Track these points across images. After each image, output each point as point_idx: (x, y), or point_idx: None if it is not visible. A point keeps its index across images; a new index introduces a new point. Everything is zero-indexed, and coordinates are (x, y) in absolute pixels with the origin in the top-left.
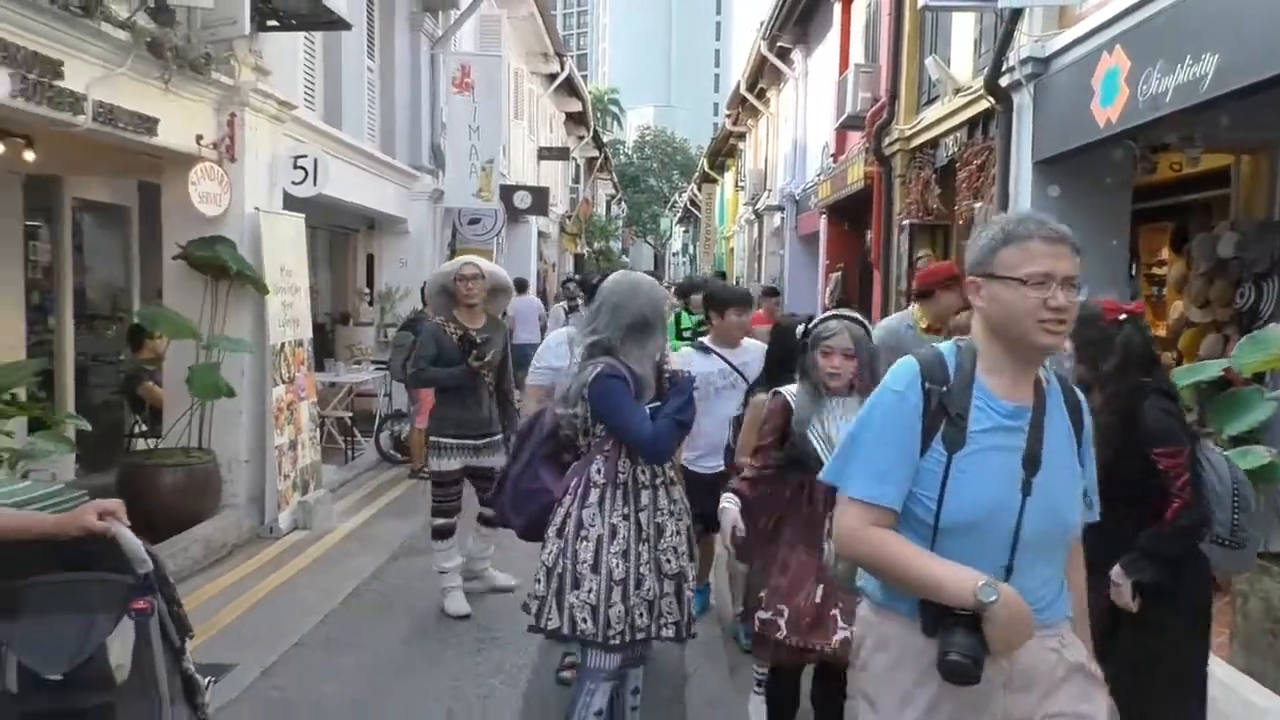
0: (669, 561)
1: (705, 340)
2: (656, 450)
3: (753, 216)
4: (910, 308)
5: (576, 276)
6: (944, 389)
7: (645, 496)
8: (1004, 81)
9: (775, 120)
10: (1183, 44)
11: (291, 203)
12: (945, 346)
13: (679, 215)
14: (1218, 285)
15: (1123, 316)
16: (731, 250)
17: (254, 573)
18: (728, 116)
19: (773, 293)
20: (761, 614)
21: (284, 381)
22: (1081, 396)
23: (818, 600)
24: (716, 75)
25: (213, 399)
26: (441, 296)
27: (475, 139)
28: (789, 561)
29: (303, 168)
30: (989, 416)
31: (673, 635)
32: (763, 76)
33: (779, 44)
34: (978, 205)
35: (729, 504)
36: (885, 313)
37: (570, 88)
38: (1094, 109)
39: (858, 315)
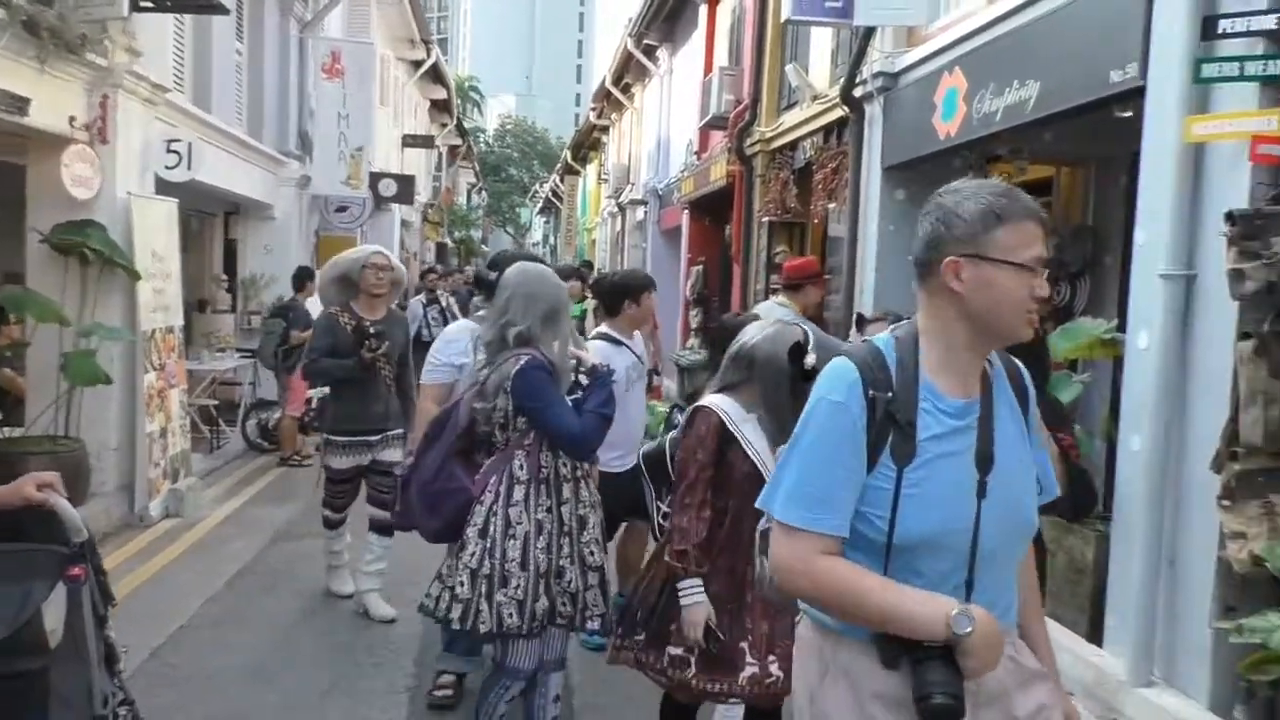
0: (592, 554)
1: (610, 331)
2: (584, 445)
3: (615, 209)
4: (777, 298)
5: (438, 267)
6: (889, 395)
7: (567, 490)
8: (857, 93)
9: (640, 115)
10: (1011, 71)
11: (162, 187)
12: (881, 340)
13: (540, 205)
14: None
15: None
16: (593, 242)
17: (128, 560)
18: (592, 109)
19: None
20: (672, 649)
21: (155, 368)
22: (1022, 367)
23: (725, 635)
24: (579, 66)
25: (90, 385)
26: (337, 285)
27: (344, 126)
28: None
29: (176, 152)
30: (938, 420)
31: (598, 628)
32: (628, 72)
33: (645, 41)
34: (831, 206)
35: (695, 596)
36: (745, 306)
37: (435, 75)
38: (935, 122)
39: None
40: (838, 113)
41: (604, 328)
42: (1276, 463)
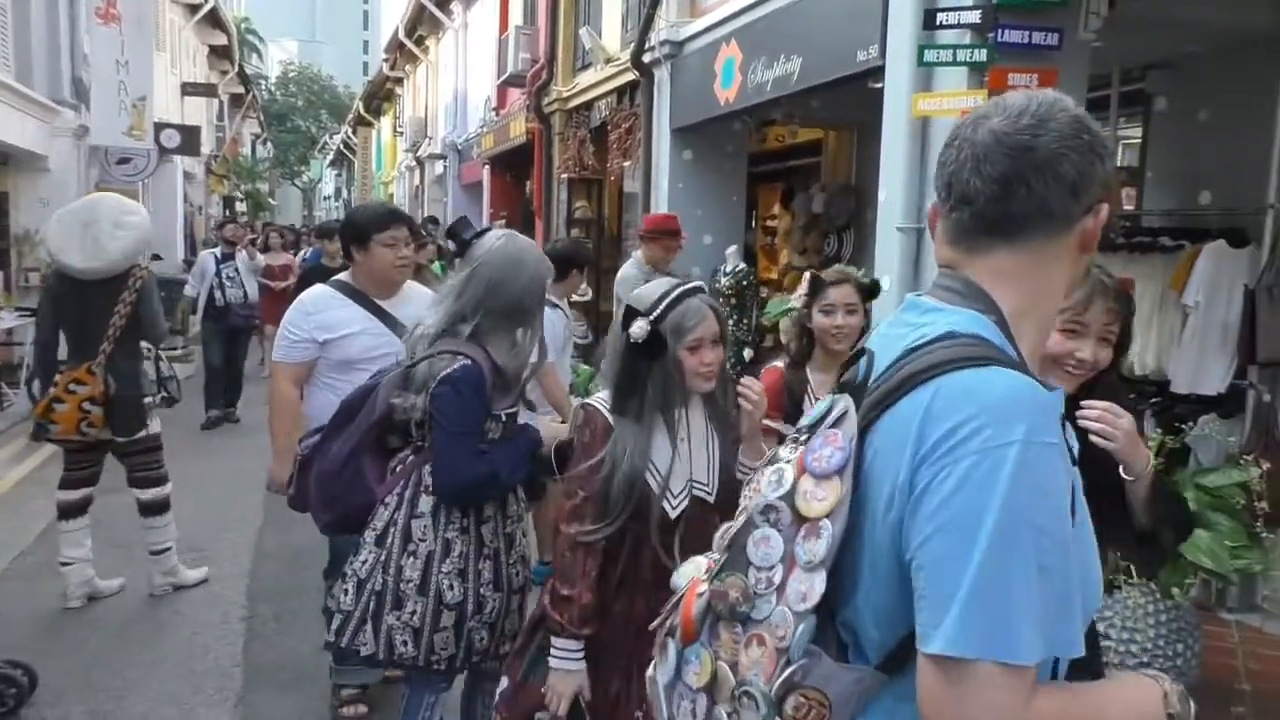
0: (517, 574)
1: (550, 296)
2: (457, 495)
3: (414, 163)
4: (637, 253)
5: (236, 219)
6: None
7: (490, 506)
8: (646, 58)
9: (435, 69)
10: (779, 45)
11: None
12: (980, 324)
13: (330, 158)
14: (812, 236)
15: None
16: (391, 196)
17: None
18: (385, 60)
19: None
20: (539, 715)
21: None
22: None
23: (618, 702)
24: (366, 12)
25: None
26: None
27: (124, 74)
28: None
29: None
30: (1074, 448)
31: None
32: (421, 24)
33: None
34: (626, 164)
35: (569, 663)
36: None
37: (214, 20)
38: (716, 89)
39: (695, 281)
40: (629, 76)
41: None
42: None
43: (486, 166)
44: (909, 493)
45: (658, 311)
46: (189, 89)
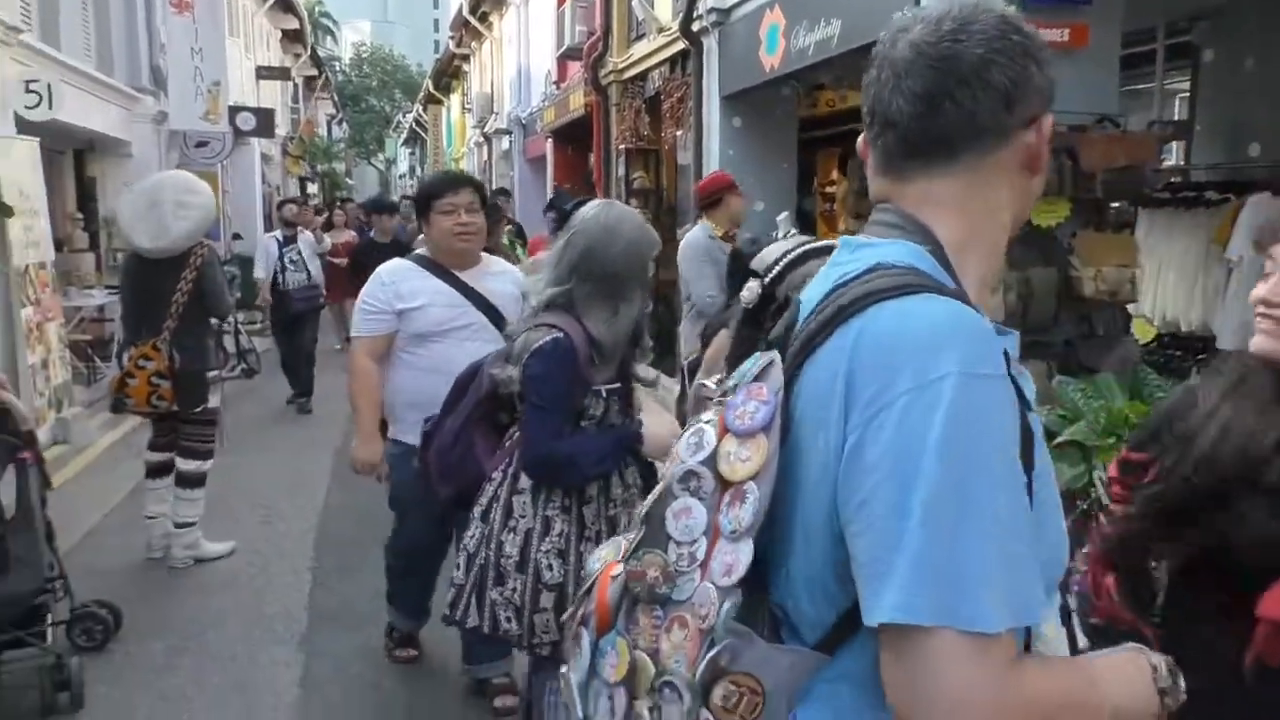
0: None
1: None
2: (533, 472)
3: (481, 139)
4: (700, 221)
5: (296, 199)
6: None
7: (593, 487)
8: (695, 27)
9: (499, 45)
10: (818, 10)
11: (22, 126)
12: (914, 253)
13: (404, 136)
14: (867, 201)
15: None
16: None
17: None
18: (451, 38)
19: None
20: None
21: (31, 303)
22: None
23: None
24: None
25: None
26: None
27: (199, 61)
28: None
29: (36, 92)
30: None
31: None
32: (484, 1)
33: None
34: (679, 133)
35: None
36: None
37: (285, 4)
38: (761, 56)
39: (818, 241)
40: (681, 45)
41: None
42: (1026, 338)
43: (549, 140)
44: (841, 448)
45: (774, 272)
46: (263, 73)
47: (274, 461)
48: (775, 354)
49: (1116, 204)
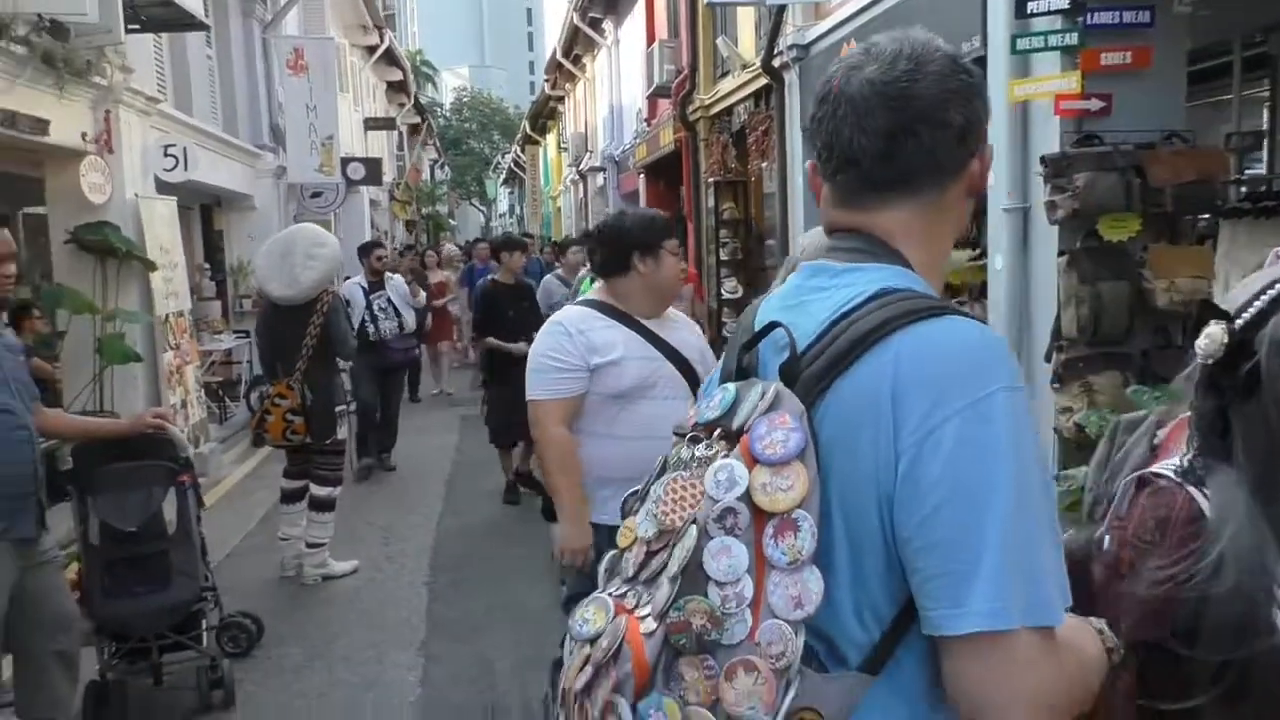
0: None
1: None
2: None
3: (577, 177)
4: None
5: (381, 242)
6: None
7: None
8: (776, 63)
9: (592, 85)
10: None
11: (160, 186)
12: (911, 278)
13: (504, 176)
14: None
15: None
16: (559, 210)
17: None
18: (546, 81)
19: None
20: None
21: (171, 348)
22: None
23: None
24: (530, 34)
25: (122, 364)
26: None
27: (313, 117)
28: None
29: (173, 155)
30: None
31: None
32: (577, 44)
33: (590, 14)
34: (764, 165)
35: None
36: (701, 262)
37: (390, 58)
38: None
39: None
40: (764, 80)
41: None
42: (1090, 350)
43: (641, 175)
44: (894, 466)
45: (1249, 314)
46: (370, 124)
47: (392, 489)
48: (778, 383)
49: (1194, 217)
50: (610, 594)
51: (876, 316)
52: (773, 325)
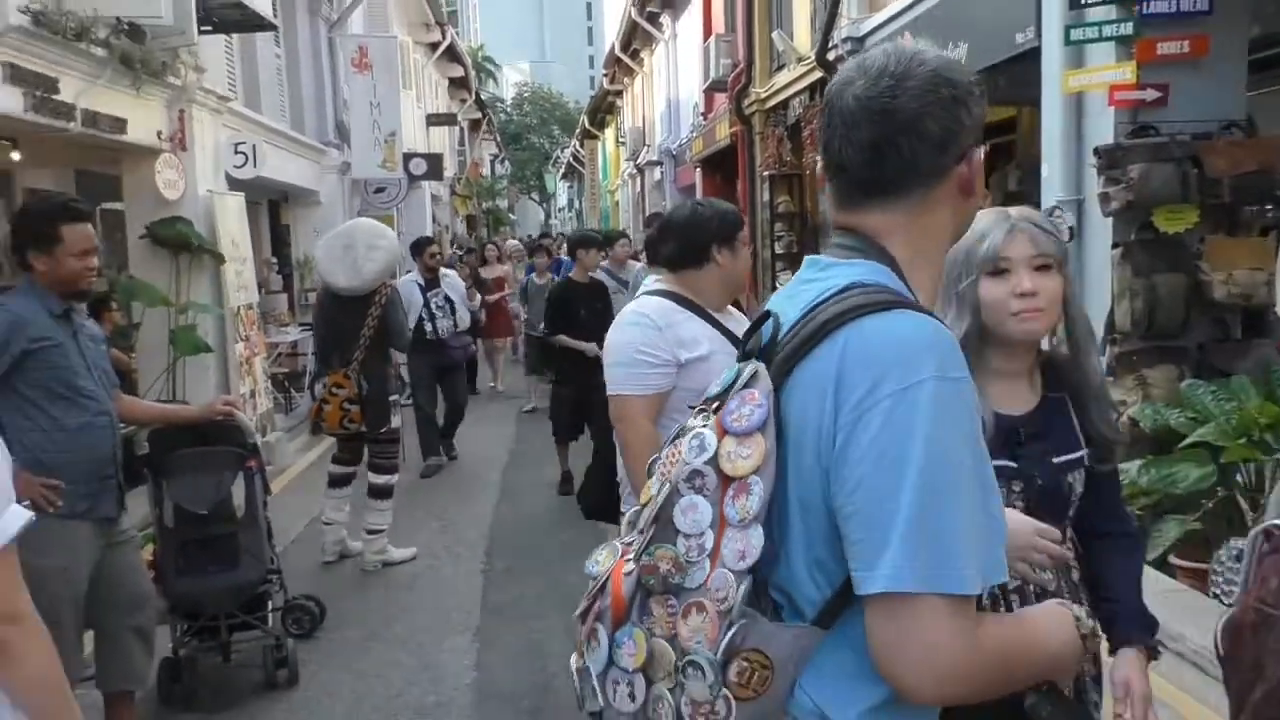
0: None
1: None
2: None
3: (635, 171)
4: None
5: (432, 238)
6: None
7: None
8: (831, 55)
9: (650, 80)
10: (948, 33)
11: (230, 183)
12: (879, 271)
13: (563, 171)
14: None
15: None
16: (617, 203)
17: None
18: (605, 76)
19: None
20: None
21: (241, 339)
22: None
23: None
24: (589, 28)
25: (195, 355)
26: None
27: (377, 114)
28: None
29: (243, 153)
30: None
31: None
32: (635, 38)
33: (648, 9)
34: (819, 158)
35: None
36: (756, 255)
37: (451, 54)
38: None
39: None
40: (819, 73)
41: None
42: (1144, 344)
43: (698, 169)
44: (833, 442)
45: None
46: (432, 120)
47: (448, 479)
48: (760, 364)
49: (1254, 208)
50: (623, 541)
51: (836, 308)
52: (769, 312)
